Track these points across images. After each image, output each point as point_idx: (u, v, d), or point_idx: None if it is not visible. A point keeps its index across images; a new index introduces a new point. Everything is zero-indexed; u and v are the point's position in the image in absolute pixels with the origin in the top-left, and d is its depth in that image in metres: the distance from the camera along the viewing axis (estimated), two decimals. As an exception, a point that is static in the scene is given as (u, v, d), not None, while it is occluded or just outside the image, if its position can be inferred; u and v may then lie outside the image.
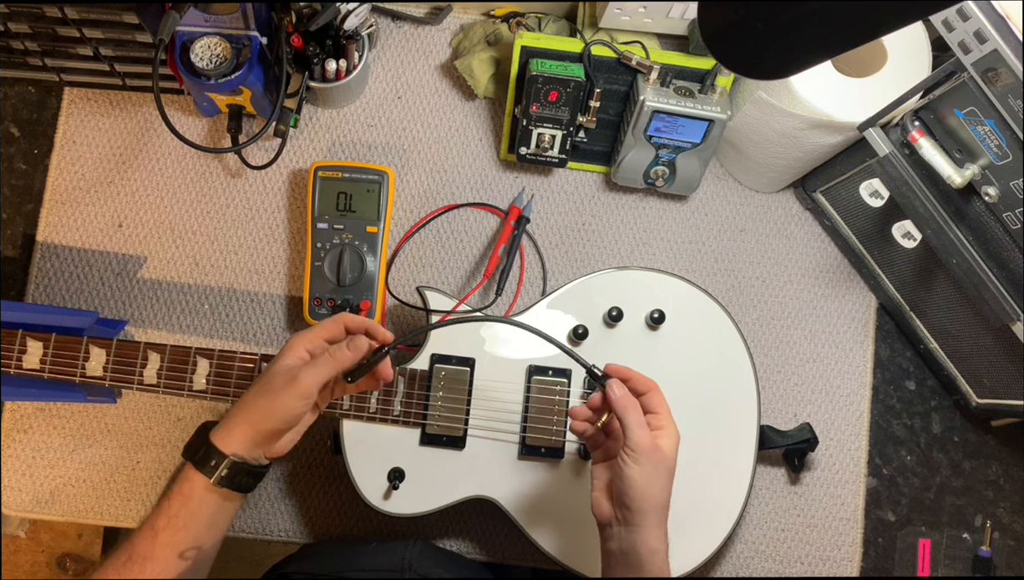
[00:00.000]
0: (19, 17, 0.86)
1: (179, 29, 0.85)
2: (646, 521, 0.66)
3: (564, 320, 0.88)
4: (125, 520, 0.94)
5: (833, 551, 0.96)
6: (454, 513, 0.92)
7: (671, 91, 0.88)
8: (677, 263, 1.00)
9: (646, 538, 0.66)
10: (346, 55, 0.92)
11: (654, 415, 0.69)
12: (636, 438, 0.66)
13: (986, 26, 0.65)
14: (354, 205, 0.92)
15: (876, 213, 0.91)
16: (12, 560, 1.54)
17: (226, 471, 0.67)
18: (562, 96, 0.88)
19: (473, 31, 0.99)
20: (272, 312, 0.96)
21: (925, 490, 0.98)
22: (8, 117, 0.99)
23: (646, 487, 0.66)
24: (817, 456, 0.97)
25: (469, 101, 1.01)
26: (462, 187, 1.00)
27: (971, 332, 0.89)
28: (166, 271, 0.97)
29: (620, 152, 0.93)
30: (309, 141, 0.99)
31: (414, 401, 0.84)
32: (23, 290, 0.96)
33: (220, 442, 0.67)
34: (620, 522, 0.67)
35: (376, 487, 0.83)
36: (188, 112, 0.99)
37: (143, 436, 0.94)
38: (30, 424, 0.93)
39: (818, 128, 0.85)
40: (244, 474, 0.68)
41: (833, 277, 1.00)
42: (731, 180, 1.02)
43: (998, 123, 0.71)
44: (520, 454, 0.85)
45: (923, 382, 1.00)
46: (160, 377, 0.82)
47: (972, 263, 0.80)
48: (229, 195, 0.98)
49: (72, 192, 0.97)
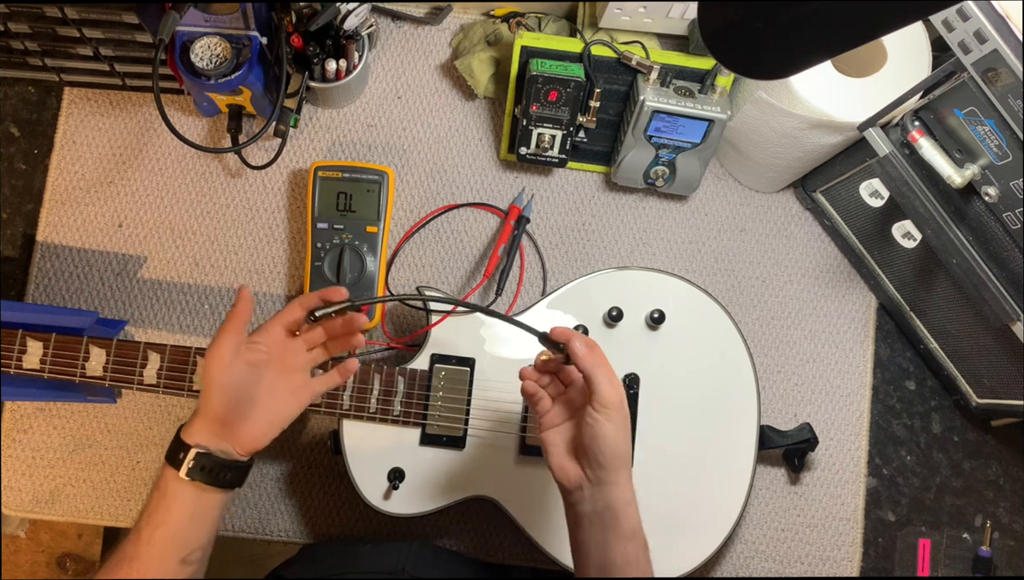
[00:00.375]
0: (19, 17, 0.86)
1: (179, 29, 0.85)
2: (620, 475, 0.66)
3: (564, 320, 0.88)
4: (125, 520, 0.94)
5: (833, 551, 0.96)
6: (454, 513, 0.92)
7: (671, 91, 0.88)
8: (677, 263, 1.00)
9: (620, 491, 0.66)
10: (346, 55, 0.92)
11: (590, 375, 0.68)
12: (606, 394, 0.66)
13: (986, 26, 0.65)
14: (354, 205, 0.92)
15: (876, 213, 0.91)
16: (12, 560, 1.54)
17: (193, 462, 0.67)
18: (562, 96, 0.88)
19: (473, 31, 0.99)
20: (272, 312, 0.96)
21: (925, 490, 0.98)
22: (8, 117, 0.99)
23: (618, 441, 0.66)
24: (817, 456, 0.97)
25: (469, 101, 1.01)
26: (462, 187, 1.00)
27: (971, 332, 0.89)
28: (166, 271, 0.97)
29: (620, 152, 0.93)
30: (309, 141, 0.99)
31: (414, 401, 0.84)
32: (23, 290, 0.96)
33: (184, 434, 0.68)
34: (592, 482, 0.67)
35: (376, 487, 0.83)
36: (188, 112, 0.99)
37: (143, 436, 0.94)
38: (30, 424, 0.93)
39: (818, 128, 0.85)
40: (217, 466, 0.67)
41: (833, 277, 1.00)
42: (731, 180, 1.02)
43: (998, 123, 0.71)
44: (520, 454, 0.85)
45: (923, 382, 1.00)
46: (160, 377, 0.82)
47: (972, 263, 0.80)
48: (229, 195, 0.98)
49: (72, 192, 0.97)
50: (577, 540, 0.69)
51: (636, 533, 0.66)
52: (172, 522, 0.66)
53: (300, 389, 0.74)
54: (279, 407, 0.73)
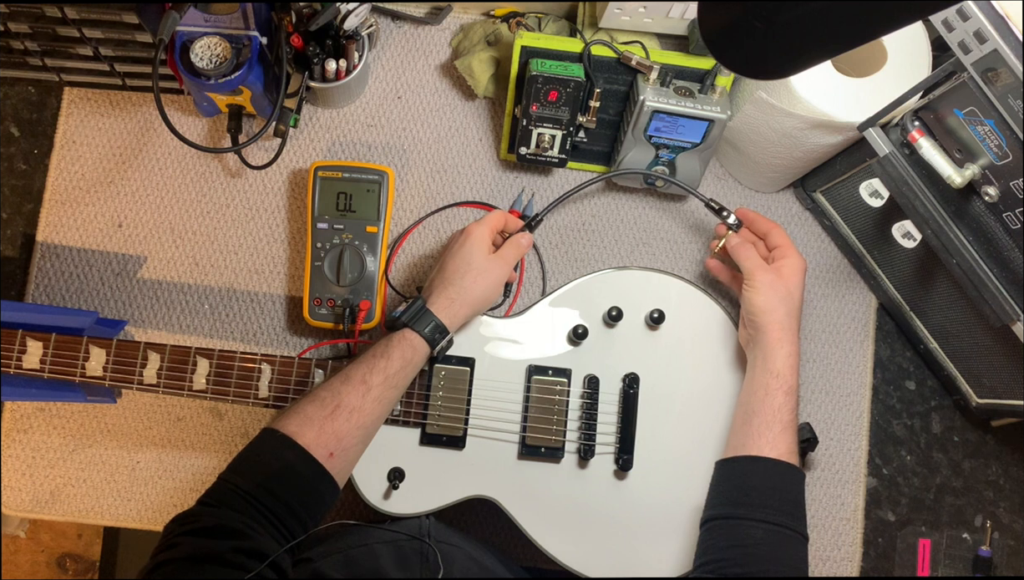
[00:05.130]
0: (19, 17, 0.86)
1: (179, 29, 0.85)
2: (768, 330, 0.82)
3: (564, 320, 0.88)
4: (125, 520, 0.94)
5: (833, 551, 0.96)
6: (454, 513, 0.92)
7: (671, 91, 0.88)
8: (677, 263, 1.00)
9: (769, 339, 0.82)
10: (346, 55, 0.92)
11: (777, 248, 0.86)
12: (748, 269, 0.85)
13: (986, 26, 0.65)
14: (354, 205, 0.92)
15: (876, 213, 0.91)
16: (12, 560, 1.54)
17: (446, 344, 0.80)
18: (562, 96, 0.88)
19: (473, 31, 0.99)
20: (272, 312, 0.96)
21: (925, 490, 0.98)
22: (8, 117, 0.99)
23: (763, 305, 0.82)
24: (817, 456, 0.97)
25: (469, 101, 1.01)
26: (462, 187, 1.00)
27: (971, 332, 0.89)
28: (166, 271, 0.97)
29: (620, 152, 0.93)
30: (309, 141, 0.99)
31: (414, 401, 0.84)
32: (23, 290, 0.96)
33: (447, 321, 0.79)
34: (752, 339, 0.84)
35: (376, 487, 0.83)
36: (188, 112, 0.99)
37: (143, 436, 0.94)
38: (30, 424, 0.93)
39: (818, 128, 0.85)
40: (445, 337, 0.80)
41: (833, 277, 1.00)
42: (731, 180, 1.02)
43: (998, 123, 0.71)
44: (520, 454, 0.85)
45: (923, 382, 1.00)
46: (160, 377, 0.82)
47: (972, 263, 0.80)
48: (229, 195, 0.98)
49: (72, 192, 0.97)
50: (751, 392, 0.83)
51: (783, 374, 0.80)
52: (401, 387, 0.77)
53: None
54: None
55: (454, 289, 0.80)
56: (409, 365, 0.77)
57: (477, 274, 0.81)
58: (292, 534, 0.68)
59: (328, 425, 0.72)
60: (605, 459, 0.86)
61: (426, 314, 0.79)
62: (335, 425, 0.72)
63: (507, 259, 0.84)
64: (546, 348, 0.87)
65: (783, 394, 0.80)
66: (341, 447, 0.72)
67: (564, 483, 0.85)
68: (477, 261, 0.82)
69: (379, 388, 0.74)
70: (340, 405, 0.73)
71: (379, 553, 0.76)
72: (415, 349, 0.77)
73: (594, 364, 0.87)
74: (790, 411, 0.80)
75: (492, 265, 0.82)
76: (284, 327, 0.96)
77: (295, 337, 0.96)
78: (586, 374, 0.87)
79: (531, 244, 0.88)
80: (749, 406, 0.82)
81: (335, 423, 0.72)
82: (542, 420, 0.85)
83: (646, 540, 0.85)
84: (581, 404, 0.86)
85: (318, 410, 0.72)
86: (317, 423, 0.71)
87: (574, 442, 0.86)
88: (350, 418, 0.73)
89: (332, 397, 0.73)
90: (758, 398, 0.81)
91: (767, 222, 0.89)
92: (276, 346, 0.96)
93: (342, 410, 0.72)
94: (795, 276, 0.84)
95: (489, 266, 0.82)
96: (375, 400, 0.74)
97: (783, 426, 0.79)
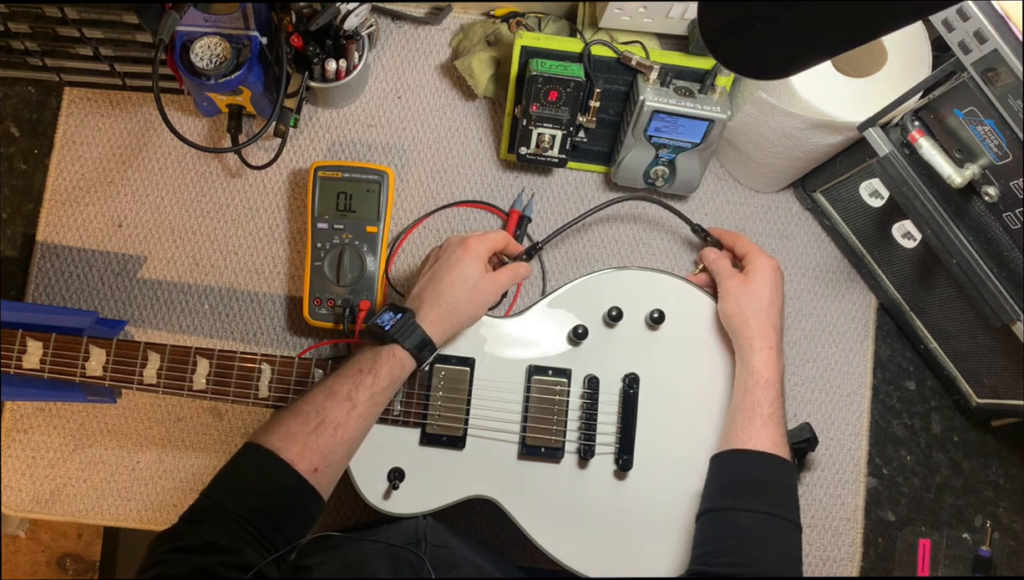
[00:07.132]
0: (19, 17, 0.86)
1: (179, 29, 0.85)
2: (739, 332, 0.85)
3: (564, 320, 0.88)
4: (125, 520, 0.94)
5: (833, 551, 0.96)
6: (454, 513, 0.91)
7: (671, 91, 0.88)
8: (677, 263, 1.00)
9: (741, 340, 0.85)
10: (346, 55, 0.92)
11: (744, 256, 0.89)
12: (717, 280, 0.89)
13: (986, 26, 0.65)
14: (354, 205, 0.92)
15: (876, 213, 0.91)
16: (12, 560, 1.54)
17: (432, 358, 0.81)
18: (562, 96, 0.88)
19: (473, 31, 0.99)
20: (272, 312, 0.96)
21: (925, 490, 0.98)
22: (8, 117, 0.99)
23: (730, 310, 0.85)
24: (817, 456, 0.97)
25: (469, 101, 1.01)
26: (462, 187, 1.00)
27: (971, 332, 0.89)
28: (166, 271, 0.97)
29: (620, 152, 0.93)
30: (309, 141, 0.99)
31: (414, 401, 0.84)
32: (23, 290, 0.96)
33: (432, 335, 0.77)
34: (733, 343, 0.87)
35: (376, 487, 0.83)
36: (188, 112, 0.99)
37: (143, 436, 0.94)
38: (30, 424, 0.94)
39: (818, 128, 0.85)
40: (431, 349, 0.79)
41: (833, 277, 1.00)
42: (731, 180, 1.02)
43: (998, 123, 0.71)
44: (520, 454, 0.85)
45: (923, 382, 1.00)
46: (160, 377, 0.82)
47: (972, 263, 0.80)
48: (229, 195, 0.98)
49: (72, 192, 0.97)
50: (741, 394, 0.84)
51: (758, 370, 0.82)
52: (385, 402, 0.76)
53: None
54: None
55: (447, 305, 0.79)
56: (396, 382, 0.76)
57: (472, 292, 0.80)
58: (277, 549, 0.67)
59: (312, 441, 0.71)
60: (605, 459, 0.86)
61: (416, 330, 0.77)
62: (320, 440, 0.71)
63: (500, 283, 0.82)
64: (546, 348, 0.87)
65: (761, 389, 0.82)
66: (326, 462, 0.71)
67: (564, 483, 0.85)
68: (474, 279, 0.80)
69: (365, 405, 0.74)
70: (324, 421, 0.72)
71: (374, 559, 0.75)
72: (403, 366, 0.76)
73: (594, 364, 0.87)
74: (770, 404, 0.81)
75: (487, 285, 0.81)
76: (284, 327, 0.96)
77: (295, 337, 0.96)
78: (586, 374, 0.87)
79: (529, 275, 0.87)
80: (733, 404, 0.85)
81: (320, 439, 0.71)
82: (542, 420, 0.85)
83: (646, 540, 0.85)
84: (581, 404, 0.86)
85: (302, 426, 0.71)
86: (301, 438, 0.71)
87: (574, 442, 0.86)
88: (335, 434, 0.72)
89: (316, 412, 0.72)
90: (739, 396, 0.84)
91: (730, 234, 0.93)
92: (276, 346, 0.96)
93: (327, 426, 0.72)
94: (763, 278, 0.86)
95: (485, 286, 0.80)
96: (360, 416, 0.73)
97: (764, 419, 0.81)
